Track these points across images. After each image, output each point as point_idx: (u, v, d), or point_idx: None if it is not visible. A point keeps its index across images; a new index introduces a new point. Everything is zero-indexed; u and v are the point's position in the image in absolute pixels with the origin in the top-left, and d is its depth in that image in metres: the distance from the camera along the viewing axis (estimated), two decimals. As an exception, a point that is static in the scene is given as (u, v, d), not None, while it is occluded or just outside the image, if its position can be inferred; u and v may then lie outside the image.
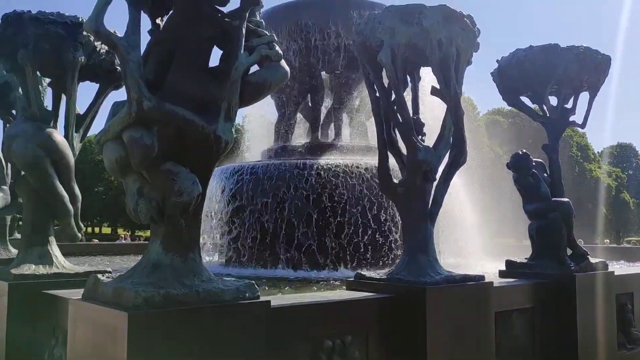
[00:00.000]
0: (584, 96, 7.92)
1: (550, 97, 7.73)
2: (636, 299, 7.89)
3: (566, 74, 7.36)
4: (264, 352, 3.81)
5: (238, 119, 4.39)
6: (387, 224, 11.92)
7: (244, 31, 4.26)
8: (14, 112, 8.27)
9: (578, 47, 7.34)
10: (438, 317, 5.11)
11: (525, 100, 7.99)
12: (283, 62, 4.36)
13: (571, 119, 7.83)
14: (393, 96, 5.72)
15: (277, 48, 4.34)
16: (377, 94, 5.81)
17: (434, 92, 5.81)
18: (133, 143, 3.79)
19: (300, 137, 18.68)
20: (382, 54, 5.45)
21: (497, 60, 7.84)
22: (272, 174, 13.44)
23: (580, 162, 61.59)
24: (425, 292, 5.06)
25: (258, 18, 4.53)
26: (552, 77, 7.36)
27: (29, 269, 5.63)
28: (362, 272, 5.76)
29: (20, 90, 6.72)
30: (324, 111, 18.23)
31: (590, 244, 22.53)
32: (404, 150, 5.88)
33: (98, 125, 8.57)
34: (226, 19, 4.36)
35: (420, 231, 5.60)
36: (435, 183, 5.78)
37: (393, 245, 11.77)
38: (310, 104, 17.95)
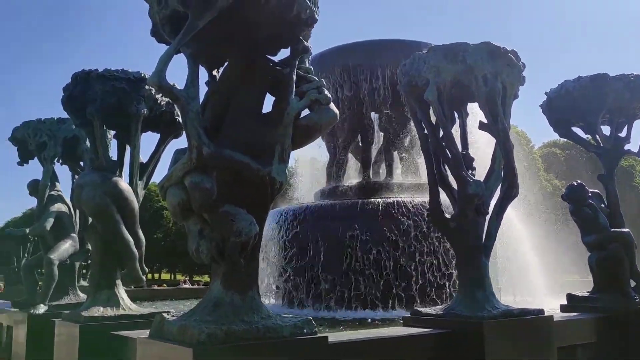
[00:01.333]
0: (639, 124, 7.80)
1: (603, 127, 7.64)
2: None
3: (617, 102, 7.29)
4: (322, 387, 3.88)
5: (290, 162, 4.56)
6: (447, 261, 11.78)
7: (294, 78, 4.49)
8: (81, 163, 8.82)
9: (628, 76, 7.27)
10: (497, 351, 5.05)
11: (578, 131, 7.91)
12: (332, 105, 4.56)
13: (627, 147, 7.68)
14: (441, 132, 5.82)
15: (326, 92, 4.55)
16: (425, 131, 5.93)
17: (482, 126, 5.88)
18: (194, 187, 4.03)
19: (352, 177, 18.83)
20: (428, 92, 5.59)
21: (546, 93, 7.84)
22: (327, 214, 13.58)
23: (646, 192, 59.04)
24: (483, 326, 5.03)
25: (307, 65, 4.77)
26: (603, 107, 7.30)
27: (98, 311, 5.93)
28: (419, 309, 5.77)
29: (87, 143, 7.19)
30: (374, 151, 18.38)
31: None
32: (454, 185, 5.93)
33: (160, 172, 8.99)
34: (277, 67, 4.63)
35: (475, 265, 5.60)
36: (488, 217, 5.79)
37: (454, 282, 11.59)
38: (360, 144, 18.15)
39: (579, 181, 7.30)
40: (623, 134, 7.68)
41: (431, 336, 5.10)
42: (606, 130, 7.65)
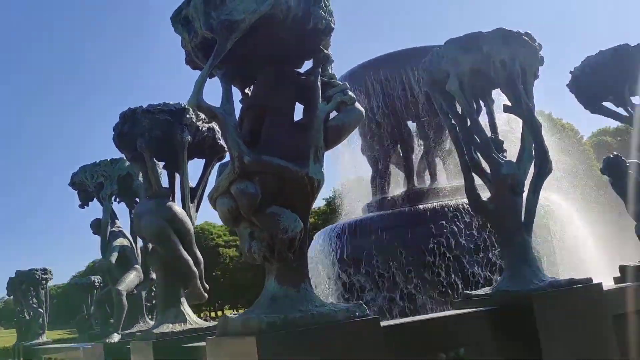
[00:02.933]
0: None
1: (633, 98, 7.70)
2: None
3: (642, 71, 7.36)
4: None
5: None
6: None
7: (319, 84, 4.85)
8: (137, 199, 9.41)
9: (649, 44, 7.34)
10: (549, 322, 5.18)
11: (609, 105, 7.98)
12: (357, 105, 4.90)
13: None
14: (468, 121, 6.05)
15: (350, 93, 4.89)
16: (453, 122, 6.17)
17: (506, 109, 6.08)
18: (240, 193, 4.40)
19: (397, 187, 18.98)
20: (450, 83, 5.85)
21: (571, 71, 7.96)
22: (374, 225, 13.81)
23: None
24: (532, 299, 5.18)
25: (330, 71, 5.13)
26: (629, 77, 7.38)
27: (168, 327, 6.36)
28: (469, 292, 5.95)
29: (140, 178, 7.74)
30: (416, 159, 18.52)
31: None
32: (488, 170, 6.11)
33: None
34: (303, 77, 5.00)
35: (518, 243, 5.75)
36: (524, 195, 5.95)
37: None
38: (401, 154, 18.34)
39: (615, 153, 7.36)
40: (653, 101, 7.72)
41: (480, 313, 5.27)
42: (636, 100, 7.70)
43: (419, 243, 12.72)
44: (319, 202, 52.88)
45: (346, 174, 21.16)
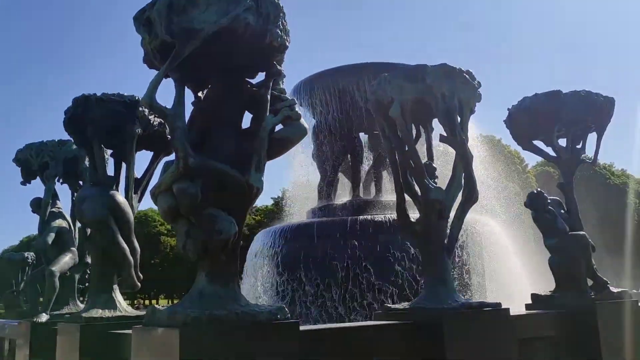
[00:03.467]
0: (594, 136, 8.46)
1: (561, 140, 8.31)
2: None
3: (570, 116, 7.95)
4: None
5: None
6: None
7: (269, 97, 5.14)
8: (81, 182, 9.43)
9: (579, 92, 7.96)
10: (457, 340, 5.60)
11: (539, 143, 8.57)
12: (303, 121, 5.21)
13: (582, 157, 8.32)
14: (406, 146, 6.45)
15: (297, 109, 5.20)
16: (392, 145, 6.56)
17: (442, 139, 6.51)
18: (181, 193, 4.64)
19: (343, 195, 19.40)
20: (393, 109, 6.24)
21: (508, 109, 8.52)
22: (312, 232, 14.14)
23: (642, 209, 59.39)
24: (442, 317, 5.60)
25: (281, 86, 5.43)
26: (558, 120, 7.97)
27: (97, 313, 6.50)
28: (389, 305, 6.33)
29: (87, 162, 7.82)
30: (364, 170, 18.98)
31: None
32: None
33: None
34: (254, 89, 5.28)
35: (439, 264, 6.18)
36: (450, 220, 6.38)
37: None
38: (350, 164, 18.77)
39: (538, 189, 7.93)
40: (579, 145, 8.34)
41: (397, 327, 5.65)
42: (564, 142, 8.31)
43: (353, 253, 13.09)
44: (266, 201, 52.96)
45: (298, 176, 21.45)
